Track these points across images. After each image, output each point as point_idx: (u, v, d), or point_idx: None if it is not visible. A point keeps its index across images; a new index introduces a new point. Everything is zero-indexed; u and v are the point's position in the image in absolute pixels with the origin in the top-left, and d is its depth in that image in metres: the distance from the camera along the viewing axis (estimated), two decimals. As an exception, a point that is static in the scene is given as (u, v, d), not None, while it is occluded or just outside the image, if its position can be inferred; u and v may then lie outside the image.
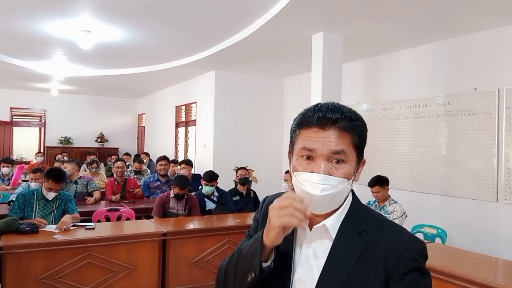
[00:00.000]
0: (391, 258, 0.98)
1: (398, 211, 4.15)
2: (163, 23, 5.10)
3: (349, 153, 1.00)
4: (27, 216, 3.74)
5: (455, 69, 4.98)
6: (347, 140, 1.00)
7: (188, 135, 9.34)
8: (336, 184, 0.97)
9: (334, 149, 0.98)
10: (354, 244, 1.01)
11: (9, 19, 5.10)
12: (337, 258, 1.01)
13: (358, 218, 1.05)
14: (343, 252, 1.01)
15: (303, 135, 1.02)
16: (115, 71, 8.39)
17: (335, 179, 0.98)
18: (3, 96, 11.23)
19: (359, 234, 1.02)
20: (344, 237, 1.02)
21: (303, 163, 1.01)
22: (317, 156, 0.99)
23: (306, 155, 1.01)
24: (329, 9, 4.24)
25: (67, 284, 3.22)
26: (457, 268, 2.70)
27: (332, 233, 1.03)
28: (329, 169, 0.98)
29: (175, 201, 4.54)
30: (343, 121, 0.99)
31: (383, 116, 5.86)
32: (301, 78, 7.64)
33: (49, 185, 3.75)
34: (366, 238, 1.02)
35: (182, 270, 3.74)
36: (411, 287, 0.97)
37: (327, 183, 0.97)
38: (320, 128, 0.99)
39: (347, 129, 0.99)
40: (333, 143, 0.98)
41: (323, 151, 0.98)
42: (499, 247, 4.43)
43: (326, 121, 0.99)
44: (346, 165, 1.00)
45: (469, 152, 4.76)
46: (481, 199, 4.62)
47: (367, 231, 1.03)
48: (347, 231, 1.02)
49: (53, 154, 10.88)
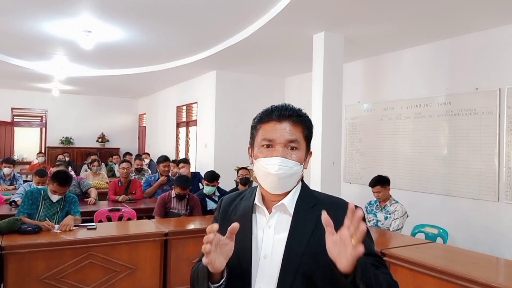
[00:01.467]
0: (340, 221, 1.11)
1: (400, 211, 4.15)
2: (164, 23, 5.10)
3: (301, 142, 1.25)
4: (31, 214, 3.74)
5: (456, 69, 4.98)
6: (299, 130, 1.25)
7: (189, 135, 9.35)
8: (292, 166, 1.21)
9: (289, 138, 1.23)
10: (309, 216, 1.24)
11: (10, 19, 5.11)
12: (298, 229, 1.23)
13: (309, 196, 1.29)
14: (302, 223, 1.23)
15: (264, 129, 1.26)
16: (116, 71, 8.40)
17: (290, 161, 1.22)
18: (4, 96, 11.24)
19: (312, 207, 1.25)
20: (301, 212, 1.25)
21: (264, 151, 1.24)
22: (276, 144, 1.23)
23: (266, 144, 1.24)
24: (330, 9, 4.24)
25: (69, 284, 3.22)
26: (458, 268, 2.70)
27: (290, 209, 1.25)
28: (285, 154, 1.22)
29: (176, 201, 4.54)
30: (294, 116, 1.25)
31: (384, 116, 5.86)
32: (302, 78, 7.64)
33: (54, 187, 3.74)
34: (318, 210, 1.19)
35: (184, 270, 3.73)
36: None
37: (284, 164, 1.21)
38: (277, 121, 1.24)
39: (298, 121, 1.25)
40: (288, 133, 1.23)
41: (280, 140, 1.22)
42: (500, 246, 4.43)
43: (282, 116, 1.24)
44: (298, 151, 1.24)
45: (470, 152, 4.75)
46: (482, 199, 4.61)
47: (317, 205, 1.25)
48: (302, 206, 1.26)
49: (54, 154, 10.90)
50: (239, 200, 1.36)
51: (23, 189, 4.80)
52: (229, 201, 1.39)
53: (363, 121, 6.19)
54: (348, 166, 6.43)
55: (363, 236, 0.99)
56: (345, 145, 6.43)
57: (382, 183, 4.26)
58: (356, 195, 6.04)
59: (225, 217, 1.34)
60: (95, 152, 10.49)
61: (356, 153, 6.33)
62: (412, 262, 2.87)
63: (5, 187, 6.20)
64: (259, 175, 1.25)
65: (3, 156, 9.42)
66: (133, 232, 3.73)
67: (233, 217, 1.31)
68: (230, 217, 1.33)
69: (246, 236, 1.26)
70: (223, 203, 1.40)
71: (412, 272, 2.85)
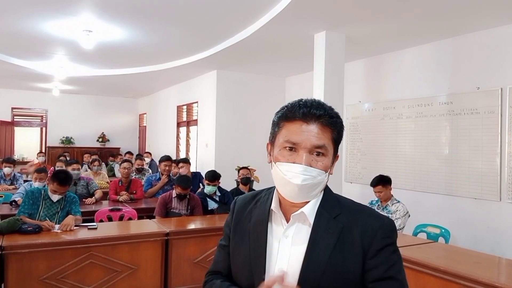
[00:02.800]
0: (366, 236, 1.08)
1: (401, 211, 4.14)
2: (164, 22, 5.09)
3: (329, 148, 1.09)
4: (32, 213, 3.74)
5: (457, 68, 4.97)
6: (327, 135, 1.08)
7: (189, 134, 9.34)
8: (316, 175, 1.06)
9: (316, 144, 1.06)
10: (332, 228, 1.09)
11: (10, 19, 5.10)
12: (318, 241, 1.08)
13: (332, 204, 1.13)
14: (323, 236, 1.09)
15: (287, 128, 1.08)
16: (116, 71, 8.39)
17: (315, 170, 1.06)
18: (5, 96, 11.23)
19: (334, 218, 1.11)
20: (322, 222, 1.10)
21: (285, 154, 1.08)
22: (300, 149, 1.06)
23: (289, 146, 1.08)
24: (331, 8, 4.23)
25: (69, 284, 3.21)
26: (460, 267, 2.69)
27: (310, 219, 1.10)
28: (310, 161, 1.06)
29: (177, 201, 4.53)
30: (325, 117, 1.07)
31: (386, 115, 5.84)
32: (303, 77, 7.63)
33: (54, 187, 3.74)
34: (342, 221, 1.10)
35: (185, 270, 3.73)
36: (385, 260, 1.07)
37: (307, 174, 1.05)
38: (304, 122, 1.07)
39: (328, 124, 1.08)
40: (315, 137, 1.06)
41: (306, 144, 1.06)
42: (502, 246, 4.42)
43: (311, 116, 1.06)
44: (325, 158, 1.08)
45: (472, 151, 4.74)
46: (484, 199, 4.60)
47: (341, 214, 1.11)
48: (324, 216, 1.11)
49: (55, 154, 10.87)
50: (253, 204, 1.23)
51: (23, 189, 4.79)
52: (243, 204, 1.26)
53: (364, 120, 6.17)
54: (349, 165, 6.42)
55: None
56: (346, 145, 6.42)
57: (384, 183, 4.25)
58: (357, 194, 6.02)
59: (238, 224, 1.23)
60: (96, 152, 10.47)
61: (357, 152, 6.32)
62: (414, 262, 2.86)
63: (5, 187, 6.20)
64: (277, 181, 1.10)
65: (4, 156, 9.41)
66: (134, 232, 3.72)
67: (248, 224, 1.20)
68: (245, 224, 1.21)
69: (260, 246, 1.14)
70: (237, 207, 1.26)
71: (414, 272, 2.84)
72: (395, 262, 1.09)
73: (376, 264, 1.07)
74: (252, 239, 1.16)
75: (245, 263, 1.16)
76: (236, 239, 1.22)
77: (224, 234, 1.29)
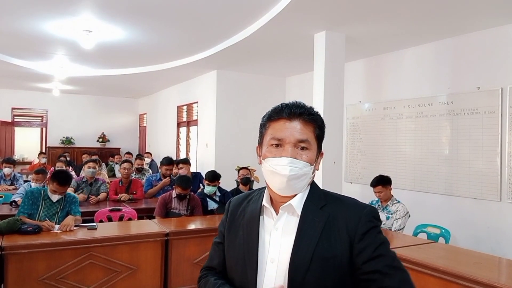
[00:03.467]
0: (351, 223, 1.15)
1: (401, 211, 4.13)
2: (164, 22, 5.09)
3: (312, 142, 1.19)
4: (32, 214, 3.74)
5: (458, 68, 4.96)
6: (310, 129, 1.19)
7: (189, 135, 9.34)
8: (301, 166, 1.15)
9: (299, 138, 1.16)
10: (318, 217, 1.17)
11: (10, 19, 5.10)
12: (306, 231, 1.16)
13: (318, 196, 1.22)
14: (310, 225, 1.16)
15: (273, 127, 1.20)
16: (116, 71, 8.39)
17: (300, 162, 1.16)
18: (5, 96, 11.24)
19: (320, 208, 1.19)
20: (309, 213, 1.18)
21: (273, 150, 1.18)
22: (285, 144, 1.17)
23: (275, 143, 1.18)
24: (331, 8, 4.22)
25: (69, 285, 3.21)
26: (461, 268, 2.68)
27: (298, 210, 1.18)
28: (295, 154, 1.16)
29: (177, 201, 4.53)
30: (305, 114, 1.18)
31: (386, 115, 5.84)
32: (303, 77, 7.62)
33: (54, 187, 3.73)
34: (328, 211, 1.18)
35: (185, 270, 3.72)
36: (372, 241, 1.14)
37: (294, 165, 1.15)
38: (287, 119, 1.18)
39: (309, 120, 1.19)
40: (298, 133, 1.16)
41: (290, 139, 1.16)
42: (502, 246, 4.41)
43: (293, 114, 1.18)
44: (309, 152, 1.18)
45: (472, 151, 4.74)
46: (484, 199, 4.60)
47: (327, 205, 1.20)
48: (310, 207, 1.19)
49: (55, 154, 10.86)
50: (246, 203, 1.31)
51: (23, 189, 4.80)
52: (237, 204, 1.34)
53: (365, 120, 6.17)
54: (350, 166, 6.41)
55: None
56: (347, 145, 6.41)
57: (384, 183, 4.24)
58: (357, 195, 6.02)
59: (233, 222, 1.30)
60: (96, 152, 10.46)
61: (357, 152, 6.32)
62: (414, 262, 2.86)
63: (5, 187, 6.20)
64: (267, 176, 1.19)
65: (4, 156, 9.41)
66: (133, 232, 3.71)
67: (241, 221, 1.27)
68: (238, 221, 1.29)
69: (253, 240, 1.21)
70: (231, 207, 1.35)
71: (414, 272, 2.83)
72: (382, 241, 1.15)
73: (364, 246, 1.13)
74: (245, 234, 1.24)
75: (238, 256, 1.23)
76: (230, 236, 1.30)
77: (219, 232, 1.36)
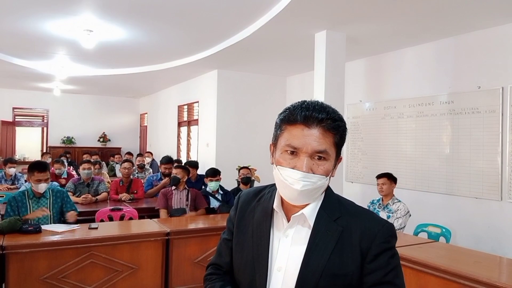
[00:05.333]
0: (365, 240, 1.08)
1: (402, 210, 4.13)
2: (165, 22, 5.09)
3: (330, 152, 1.07)
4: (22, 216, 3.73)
5: (458, 67, 4.96)
6: (329, 139, 1.06)
7: (190, 134, 9.34)
8: (316, 181, 1.05)
9: (317, 149, 1.04)
10: (331, 230, 1.09)
11: (11, 19, 5.10)
12: (317, 244, 1.08)
13: (333, 206, 1.13)
14: (322, 238, 1.09)
15: (289, 131, 1.07)
16: (117, 70, 8.40)
17: (315, 176, 1.05)
18: (6, 96, 11.25)
19: (335, 221, 1.10)
20: (322, 224, 1.10)
21: (286, 157, 1.07)
22: (301, 153, 1.05)
23: (290, 150, 1.06)
24: (331, 7, 4.22)
25: (70, 284, 3.21)
26: (461, 267, 2.68)
27: (310, 221, 1.10)
28: (311, 165, 1.05)
29: (177, 195, 4.59)
30: (327, 121, 1.05)
31: (386, 114, 5.84)
32: (303, 77, 7.62)
33: (36, 177, 3.69)
34: (342, 224, 1.10)
35: (186, 269, 3.73)
36: (383, 266, 1.07)
37: (307, 180, 1.04)
38: (305, 125, 1.04)
39: (330, 129, 1.06)
40: (317, 142, 1.04)
41: (307, 149, 1.04)
42: (503, 245, 4.41)
43: (312, 120, 1.04)
44: (326, 163, 1.07)
45: (473, 151, 4.73)
46: (485, 198, 4.60)
47: (341, 217, 1.11)
48: (324, 218, 1.10)
49: (56, 154, 10.85)
50: (256, 201, 1.23)
51: (24, 188, 4.79)
52: (247, 200, 1.26)
53: (365, 120, 6.17)
54: (350, 165, 6.41)
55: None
56: (347, 144, 6.41)
57: (389, 177, 4.31)
58: (358, 194, 6.02)
59: (242, 219, 1.23)
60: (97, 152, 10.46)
61: (358, 152, 6.31)
62: (415, 261, 2.86)
63: (6, 187, 6.20)
64: (278, 184, 1.10)
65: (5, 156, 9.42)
66: (134, 231, 3.72)
67: (251, 221, 1.21)
68: (248, 220, 1.22)
69: (263, 245, 1.14)
70: (241, 202, 1.27)
71: (415, 271, 2.84)
72: (393, 267, 1.09)
73: (374, 269, 1.07)
74: (255, 238, 1.17)
75: (247, 260, 1.17)
76: (239, 236, 1.23)
77: (227, 228, 1.29)
